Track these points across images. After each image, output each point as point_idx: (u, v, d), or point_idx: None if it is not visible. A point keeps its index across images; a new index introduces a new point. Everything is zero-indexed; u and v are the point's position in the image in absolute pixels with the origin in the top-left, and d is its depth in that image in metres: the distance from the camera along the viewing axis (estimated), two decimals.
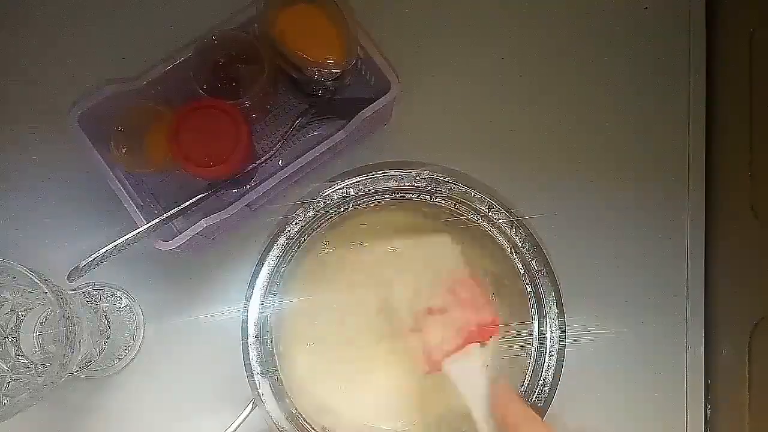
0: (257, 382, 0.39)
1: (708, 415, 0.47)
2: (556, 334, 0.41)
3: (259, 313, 0.40)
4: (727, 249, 0.47)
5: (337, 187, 0.41)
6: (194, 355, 0.46)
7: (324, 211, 0.41)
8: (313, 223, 0.41)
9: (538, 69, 0.50)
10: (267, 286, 0.41)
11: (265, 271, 0.41)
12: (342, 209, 0.41)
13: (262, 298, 0.40)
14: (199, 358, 0.46)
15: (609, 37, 0.50)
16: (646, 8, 0.51)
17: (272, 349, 0.40)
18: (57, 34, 0.48)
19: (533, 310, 0.41)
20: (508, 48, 0.50)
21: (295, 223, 0.41)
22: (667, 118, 0.50)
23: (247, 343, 0.40)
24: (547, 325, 0.41)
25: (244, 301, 0.40)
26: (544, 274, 0.41)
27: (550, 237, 0.43)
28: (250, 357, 0.40)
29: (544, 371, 0.40)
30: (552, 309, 0.41)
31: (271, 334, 0.41)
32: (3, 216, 0.46)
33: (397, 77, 0.42)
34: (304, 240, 0.41)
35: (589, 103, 0.50)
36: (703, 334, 0.47)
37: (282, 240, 0.41)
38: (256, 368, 0.39)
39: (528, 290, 0.41)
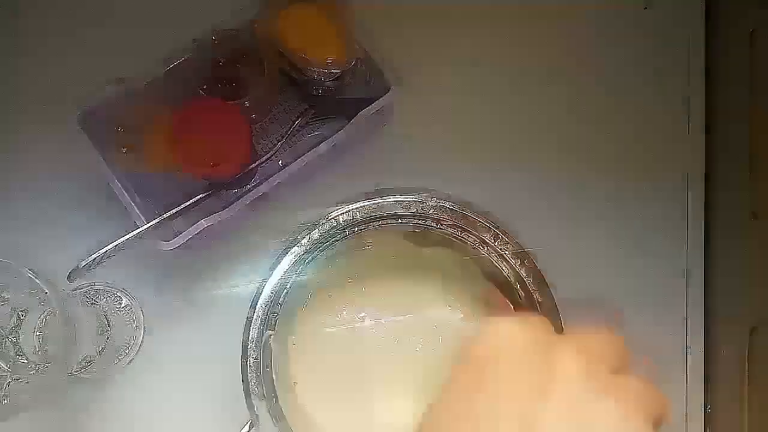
0: (255, 405, 0.39)
1: (707, 416, 0.47)
2: None
3: (259, 336, 0.40)
4: (727, 250, 0.47)
5: (343, 211, 0.41)
6: (194, 355, 0.46)
7: (329, 234, 0.41)
8: (318, 245, 0.41)
9: (538, 69, 0.50)
10: (269, 308, 0.40)
11: (267, 292, 0.40)
12: (347, 232, 0.41)
13: (263, 320, 0.40)
14: (200, 359, 0.46)
15: (609, 38, 0.50)
16: (646, 8, 0.51)
17: (272, 371, 0.40)
18: (57, 34, 0.48)
19: None
20: (508, 48, 0.50)
21: (300, 245, 0.40)
22: (666, 118, 0.50)
23: (246, 364, 0.39)
24: None
25: (246, 321, 0.40)
26: (548, 308, 0.40)
27: (547, 238, 0.43)
28: (249, 378, 0.39)
29: None
30: None
31: (271, 357, 0.40)
32: (3, 216, 0.46)
33: (397, 77, 0.42)
34: (308, 262, 0.41)
35: (587, 103, 0.50)
36: (703, 335, 0.47)
37: (287, 261, 0.41)
38: (255, 391, 0.39)
39: None
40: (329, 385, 0.43)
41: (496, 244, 0.41)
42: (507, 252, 0.41)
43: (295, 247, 0.40)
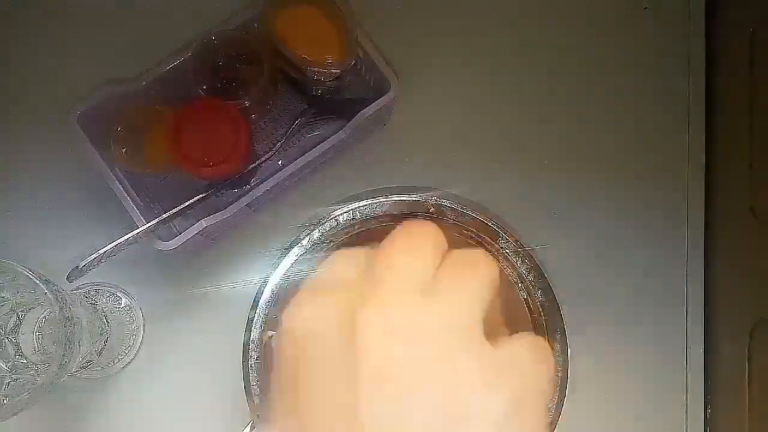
0: (256, 405, 0.39)
1: (708, 416, 0.47)
2: (560, 366, 0.40)
3: (260, 337, 0.40)
4: (727, 249, 0.47)
5: (343, 211, 0.41)
6: (194, 355, 0.46)
7: (330, 234, 0.41)
8: (319, 245, 0.41)
9: (538, 69, 0.50)
10: (269, 308, 0.40)
11: (267, 292, 0.40)
12: (347, 232, 0.41)
13: (264, 321, 0.40)
14: (199, 359, 0.46)
15: (609, 37, 0.50)
16: (646, 8, 0.51)
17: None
18: (57, 34, 0.48)
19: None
20: (508, 48, 0.50)
21: (300, 246, 0.40)
22: (666, 118, 0.50)
23: (247, 365, 0.39)
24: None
25: (247, 322, 0.40)
26: (549, 305, 0.40)
27: (547, 237, 0.43)
28: (250, 380, 0.39)
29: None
30: (555, 345, 0.40)
31: (272, 357, 0.40)
32: (3, 216, 0.46)
33: (397, 77, 0.42)
34: (309, 261, 0.41)
35: (587, 102, 0.50)
36: (703, 335, 0.47)
37: (288, 261, 0.40)
38: (256, 391, 0.39)
39: (531, 318, 0.41)
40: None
41: (497, 242, 0.41)
42: (508, 250, 0.41)
43: (296, 247, 0.40)
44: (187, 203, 0.42)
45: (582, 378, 0.45)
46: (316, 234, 0.41)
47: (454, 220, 0.41)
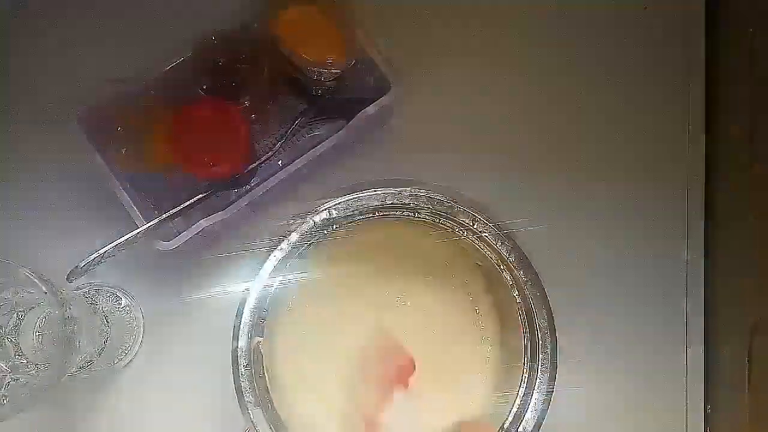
0: (250, 413, 0.39)
1: (708, 415, 0.47)
2: (548, 344, 0.40)
3: (248, 342, 0.40)
4: (727, 249, 0.47)
5: (319, 209, 0.41)
6: (194, 355, 0.46)
7: (308, 234, 0.41)
8: (298, 247, 0.41)
9: (537, 69, 0.50)
10: (255, 315, 0.40)
11: (252, 298, 0.40)
12: (325, 231, 0.41)
13: (251, 328, 0.40)
14: (199, 359, 0.46)
15: (609, 38, 0.50)
16: (646, 8, 0.51)
17: (265, 378, 0.40)
18: (57, 35, 0.48)
19: (523, 320, 0.41)
20: (507, 48, 0.50)
21: (280, 249, 0.40)
22: (666, 118, 0.50)
23: (238, 372, 0.39)
24: (537, 335, 0.40)
25: (233, 330, 0.40)
26: (532, 284, 0.40)
27: (547, 237, 0.43)
28: (242, 386, 0.39)
29: (538, 377, 0.40)
30: (542, 319, 0.40)
31: (262, 363, 0.40)
32: (3, 216, 0.46)
33: (397, 77, 0.42)
34: (290, 264, 0.41)
35: (586, 103, 0.50)
36: (703, 335, 0.47)
37: (269, 266, 0.40)
38: (249, 398, 0.39)
39: (517, 301, 0.41)
40: (320, 387, 0.43)
41: (476, 227, 0.41)
42: (486, 234, 0.41)
43: (276, 251, 0.40)
44: (187, 203, 0.42)
45: (581, 379, 0.45)
46: (294, 237, 0.41)
47: (431, 209, 0.41)
